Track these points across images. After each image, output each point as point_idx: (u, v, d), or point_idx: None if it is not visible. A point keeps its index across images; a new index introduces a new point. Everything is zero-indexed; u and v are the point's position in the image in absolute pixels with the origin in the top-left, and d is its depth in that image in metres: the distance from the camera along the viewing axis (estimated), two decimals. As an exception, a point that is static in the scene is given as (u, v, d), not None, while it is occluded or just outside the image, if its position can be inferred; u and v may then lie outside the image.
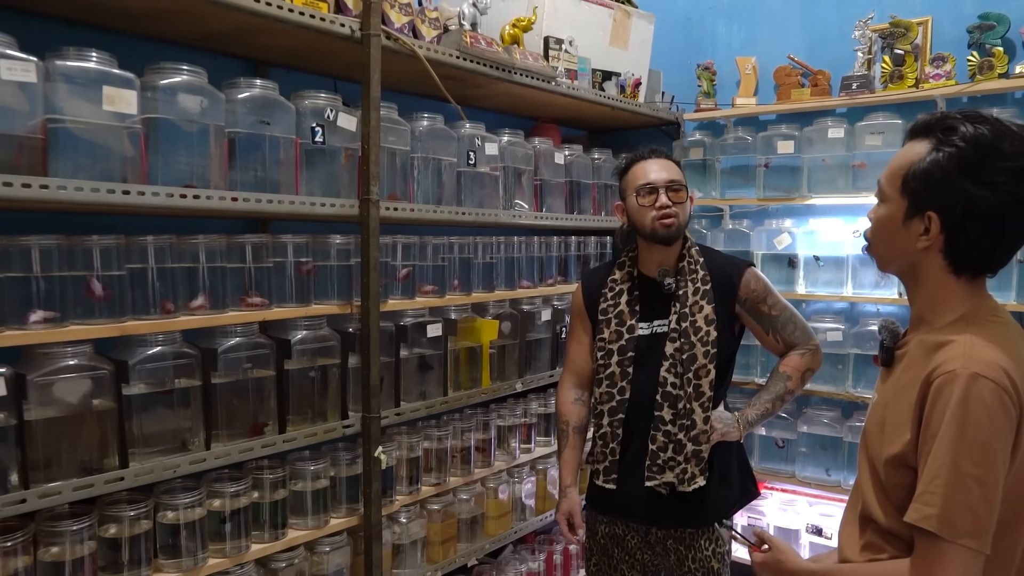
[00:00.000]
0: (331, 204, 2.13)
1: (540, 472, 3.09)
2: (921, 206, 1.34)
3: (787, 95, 3.48)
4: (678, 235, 2.25)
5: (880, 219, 1.43)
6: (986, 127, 1.29)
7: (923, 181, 1.33)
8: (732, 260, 2.35)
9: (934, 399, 1.28)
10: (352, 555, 2.34)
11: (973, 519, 1.24)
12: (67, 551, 1.71)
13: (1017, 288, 2.88)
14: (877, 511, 1.41)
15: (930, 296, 1.40)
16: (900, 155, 1.39)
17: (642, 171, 2.25)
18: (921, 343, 1.39)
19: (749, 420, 2.24)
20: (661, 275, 2.25)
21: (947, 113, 1.35)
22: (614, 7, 3.31)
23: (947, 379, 1.27)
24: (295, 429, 2.13)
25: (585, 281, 2.45)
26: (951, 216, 1.31)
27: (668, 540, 2.24)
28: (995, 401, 1.24)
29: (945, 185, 1.30)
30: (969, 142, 1.29)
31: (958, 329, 1.34)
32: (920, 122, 1.39)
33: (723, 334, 2.22)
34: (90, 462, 1.73)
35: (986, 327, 1.34)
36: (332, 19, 2.08)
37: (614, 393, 2.25)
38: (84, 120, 1.65)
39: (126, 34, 2.12)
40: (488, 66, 2.58)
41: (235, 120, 1.96)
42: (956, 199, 1.29)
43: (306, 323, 2.18)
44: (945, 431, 1.25)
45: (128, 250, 1.82)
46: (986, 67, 2.95)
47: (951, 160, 1.29)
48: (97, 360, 1.75)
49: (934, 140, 1.33)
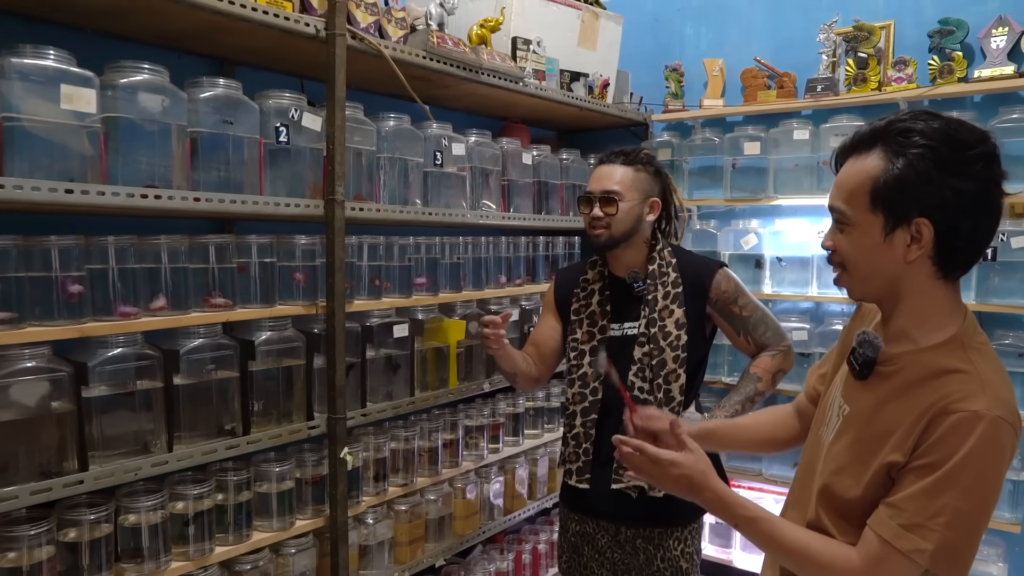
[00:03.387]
0: (296, 204, 2.12)
1: (508, 472, 3.09)
2: (904, 215, 1.26)
3: (754, 97, 3.51)
4: (611, 245, 2.24)
5: (854, 244, 1.32)
6: (938, 121, 1.25)
7: (900, 189, 1.25)
8: (704, 261, 2.35)
9: (949, 433, 1.22)
10: (318, 556, 2.33)
11: (962, 563, 1.24)
12: (24, 556, 1.68)
13: (976, 288, 2.93)
14: (832, 530, 1.37)
15: (918, 309, 1.33)
16: (852, 173, 1.31)
17: (592, 176, 2.29)
18: (919, 364, 1.31)
19: None
20: (631, 278, 2.26)
21: (888, 119, 1.30)
22: (582, 8, 3.33)
23: (970, 418, 1.21)
24: (260, 430, 2.12)
25: (558, 279, 2.46)
26: (944, 216, 1.24)
27: (637, 539, 2.25)
28: (1007, 443, 1.23)
29: (928, 186, 1.23)
30: (935, 138, 1.23)
31: (959, 354, 1.29)
32: (859, 135, 1.32)
33: (693, 336, 2.22)
34: (48, 465, 1.70)
35: (983, 353, 1.30)
36: (296, 18, 2.07)
37: (586, 393, 2.26)
38: (41, 119, 1.62)
39: (87, 32, 2.09)
40: (455, 66, 2.58)
41: (198, 119, 1.94)
42: (944, 197, 1.23)
43: (271, 324, 2.17)
44: (957, 471, 1.21)
45: (88, 251, 1.80)
46: (946, 71, 3.00)
47: (926, 160, 1.23)
48: (56, 362, 1.73)
49: (889, 147, 1.27)
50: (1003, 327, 2.98)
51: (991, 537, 2.99)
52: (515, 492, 3.12)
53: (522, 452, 3.17)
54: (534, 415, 3.26)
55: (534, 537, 3.44)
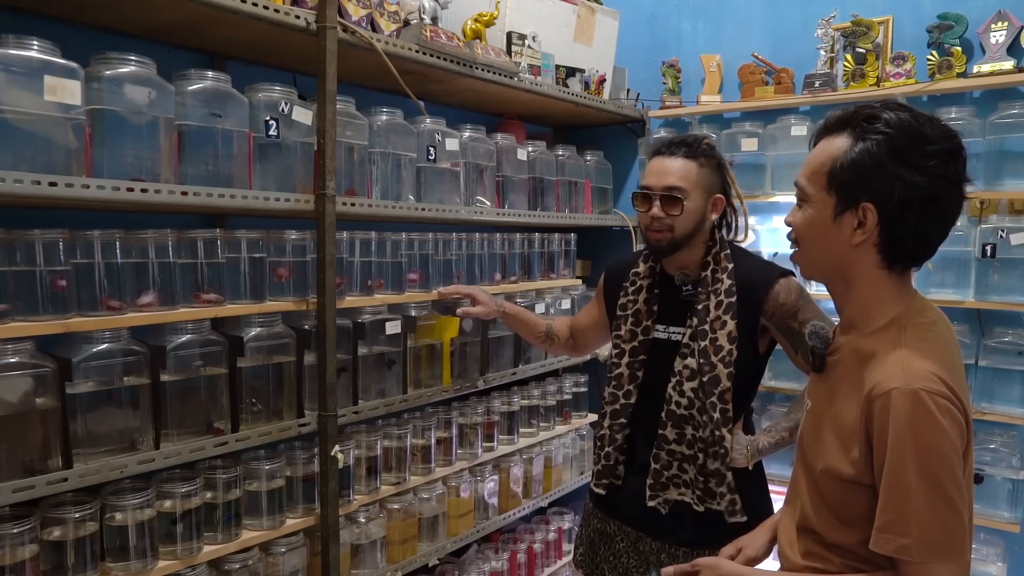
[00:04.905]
0: (286, 199, 2.09)
1: (503, 470, 3.07)
2: (853, 198, 1.31)
3: (751, 93, 3.49)
4: (673, 249, 2.06)
5: (807, 220, 1.38)
6: (906, 114, 1.29)
7: (853, 172, 1.30)
8: (764, 267, 2.10)
9: (880, 420, 1.26)
10: (309, 556, 2.31)
11: (948, 537, 1.23)
12: (7, 554, 1.66)
13: (975, 286, 2.91)
14: (817, 523, 1.39)
15: (863, 297, 1.37)
16: (818, 153, 1.37)
17: (648, 169, 2.09)
18: (854, 351, 1.37)
19: (760, 448, 2.05)
20: (679, 279, 2.10)
21: (862, 105, 1.34)
22: (578, 3, 3.30)
23: (889, 398, 1.25)
24: (249, 428, 2.09)
25: (609, 271, 2.37)
26: (888, 204, 1.28)
27: (662, 554, 2.10)
28: (941, 412, 1.23)
29: (878, 173, 1.27)
30: (896, 128, 1.27)
31: (890, 337, 1.32)
32: (833, 117, 1.36)
33: (744, 351, 2.01)
34: (32, 463, 1.68)
35: (917, 330, 1.33)
36: (287, 11, 2.04)
37: (619, 395, 2.15)
38: (24, 110, 1.60)
39: (76, 25, 2.07)
40: (449, 61, 2.56)
41: (185, 112, 1.91)
42: (892, 186, 1.27)
43: (260, 320, 2.14)
44: (898, 454, 1.23)
45: (73, 245, 1.78)
46: (945, 66, 2.98)
47: (881, 147, 1.27)
48: (39, 358, 1.71)
49: (855, 131, 1.31)
50: (1002, 325, 2.95)
51: (990, 537, 2.97)
52: (510, 491, 3.09)
53: (517, 451, 3.15)
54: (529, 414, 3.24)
55: (529, 536, 3.42)
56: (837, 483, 1.34)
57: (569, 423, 3.46)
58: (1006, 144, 2.83)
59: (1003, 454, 2.83)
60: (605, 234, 3.88)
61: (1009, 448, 2.84)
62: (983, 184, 2.87)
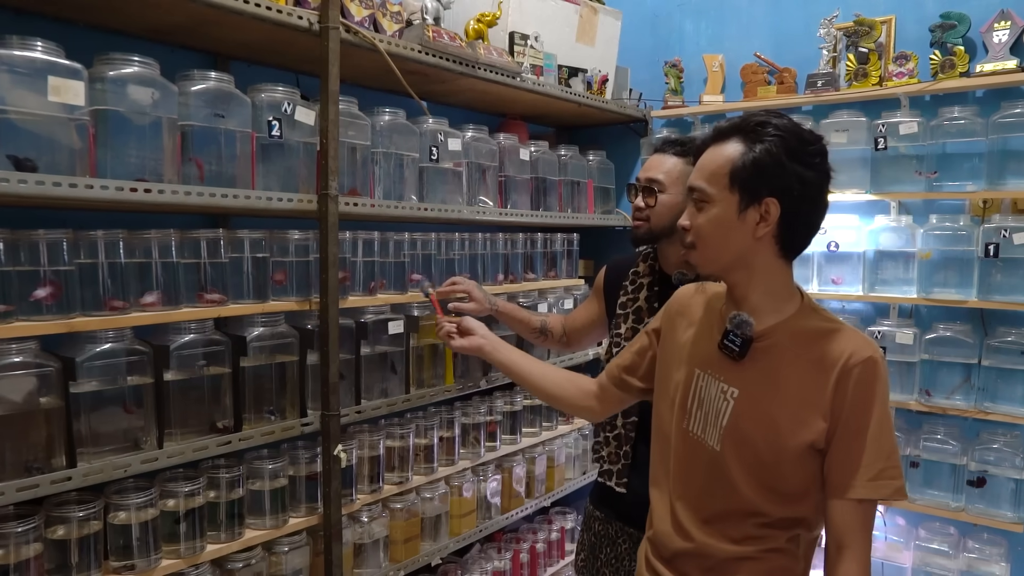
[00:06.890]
0: (288, 199, 2.10)
1: (506, 470, 3.07)
2: (756, 194, 1.44)
3: (753, 92, 3.49)
4: (649, 239, 2.16)
5: (712, 219, 1.49)
6: (788, 121, 1.46)
7: (755, 170, 1.43)
8: None
9: (862, 383, 1.43)
10: (312, 555, 2.31)
11: None
12: (11, 553, 1.66)
13: (978, 285, 2.90)
14: (765, 505, 1.50)
15: (768, 284, 1.52)
16: (711, 158, 1.50)
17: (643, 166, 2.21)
18: (792, 331, 1.51)
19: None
20: (676, 278, 2.11)
21: (745, 115, 1.50)
22: (581, 3, 3.30)
23: (868, 364, 1.43)
24: (252, 427, 2.10)
25: (609, 269, 2.41)
26: (788, 198, 1.44)
27: None
28: None
29: (779, 170, 1.43)
30: (786, 132, 1.44)
31: (820, 316, 1.52)
32: (722, 126, 1.51)
33: None
34: (35, 462, 1.68)
35: (823, 310, 1.55)
36: (289, 11, 2.05)
37: None
38: (28, 111, 1.60)
39: (80, 26, 2.08)
40: (451, 61, 2.56)
41: (188, 113, 1.92)
42: (790, 182, 1.43)
43: (263, 320, 2.15)
44: (880, 412, 1.42)
45: (76, 245, 1.78)
46: (948, 66, 2.98)
47: (779, 148, 1.43)
48: (43, 357, 1.71)
49: (747, 137, 1.45)
50: (1005, 324, 2.95)
51: (994, 536, 2.96)
52: (513, 491, 3.10)
53: (520, 450, 3.15)
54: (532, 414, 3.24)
55: (532, 536, 3.42)
56: (794, 457, 1.46)
57: (572, 423, 3.46)
58: (1009, 144, 2.82)
59: (1006, 454, 2.83)
60: (608, 234, 3.89)
61: (1012, 448, 2.84)
62: (986, 184, 2.87)
